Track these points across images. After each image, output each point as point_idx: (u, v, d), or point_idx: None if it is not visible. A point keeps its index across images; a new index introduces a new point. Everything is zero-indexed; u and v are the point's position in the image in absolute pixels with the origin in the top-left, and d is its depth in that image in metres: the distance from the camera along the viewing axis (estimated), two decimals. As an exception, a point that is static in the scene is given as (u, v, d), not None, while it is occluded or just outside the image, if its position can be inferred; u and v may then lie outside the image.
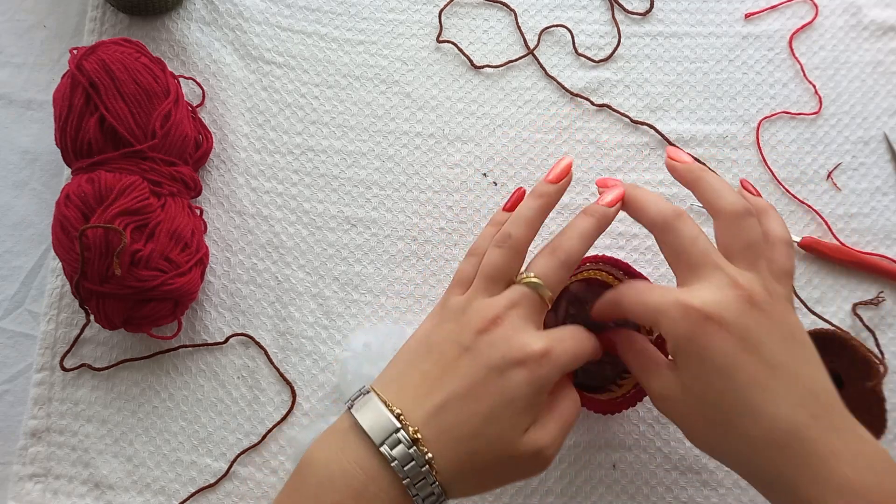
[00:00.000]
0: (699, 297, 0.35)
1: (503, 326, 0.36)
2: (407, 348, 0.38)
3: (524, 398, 0.35)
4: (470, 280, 0.39)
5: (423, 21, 0.57)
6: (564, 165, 0.40)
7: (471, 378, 0.35)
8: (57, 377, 0.50)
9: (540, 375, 0.35)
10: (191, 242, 0.47)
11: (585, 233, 0.38)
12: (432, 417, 0.34)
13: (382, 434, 0.34)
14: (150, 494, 0.48)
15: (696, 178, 0.39)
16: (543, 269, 0.37)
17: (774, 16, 0.57)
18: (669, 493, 0.48)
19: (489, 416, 0.34)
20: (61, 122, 0.47)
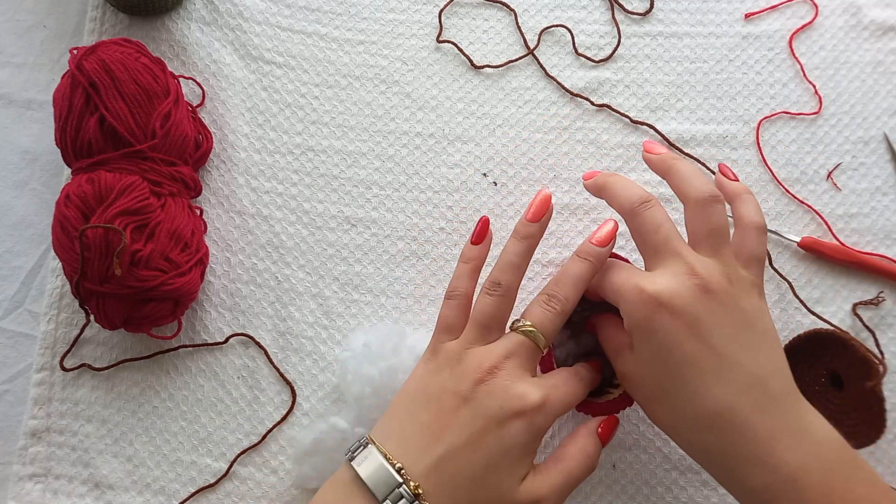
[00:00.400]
0: (655, 283, 0.36)
1: (500, 376, 0.36)
2: (404, 396, 0.38)
3: (522, 447, 0.35)
4: (456, 325, 0.39)
5: (423, 21, 0.57)
6: (542, 200, 0.41)
7: (470, 429, 0.35)
8: (57, 377, 0.50)
9: (537, 425, 0.36)
10: (191, 242, 0.47)
11: (580, 279, 0.39)
12: (433, 470, 0.34)
13: (385, 489, 0.34)
14: (150, 494, 0.48)
15: (668, 168, 0.41)
16: (539, 318, 0.38)
17: (774, 16, 0.57)
18: (669, 493, 0.48)
19: (487, 465, 0.35)
20: (61, 122, 0.47)
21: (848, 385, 0.45)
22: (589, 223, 0.53)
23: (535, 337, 0.38)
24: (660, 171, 0.42)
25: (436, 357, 0.39)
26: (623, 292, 0.37)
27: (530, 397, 0.36)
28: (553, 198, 0.53)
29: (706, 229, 0.37)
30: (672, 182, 0.40)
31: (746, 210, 0.40)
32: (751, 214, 0.39)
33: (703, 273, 0.36)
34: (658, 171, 0.42)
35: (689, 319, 0.35)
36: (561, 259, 0.52)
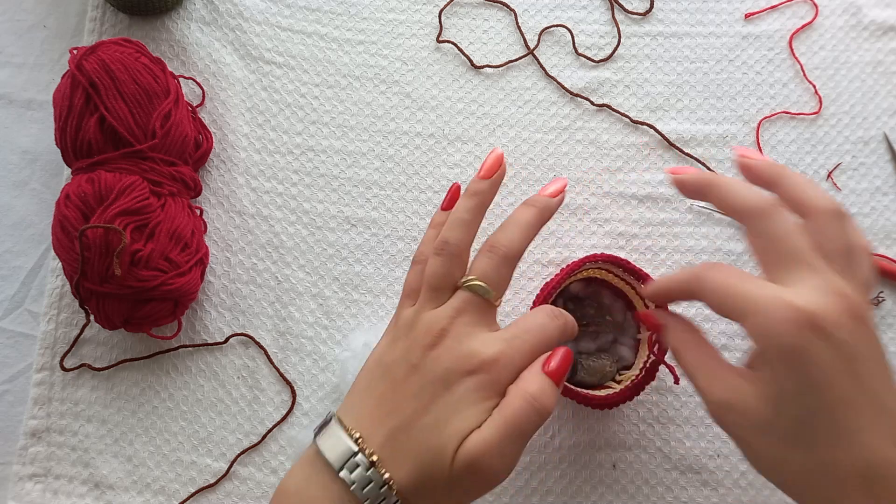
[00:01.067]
0: (804, 299, 0.30)
1: (449, 338, 0.35)
2: (365, 370, 0.38)
3: (472, 405, 0.33)
4: (417, 290, 0.38)
5: (423, 21, 0.57)
6: (494, 158, 0.39)
7: (421, 396, 0.34)
8: (57, 377, 0.50)
9: (490, 380, 0.34)
10: (191, 242, 0.47)
11: (526, 224, 0.37)
12: (388, 439, 0.34)
13: (341, 459, 0.33)
14: (150, 494, 0.48)
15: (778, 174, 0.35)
16: (483, 269, 0.36)
17: (774, 16, 0.57)
18: (669, 493, 0.48)
19: (435, 429, 0.33)
20: (61, 122, 0.47)
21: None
22: (589, 223, 0.53)
23: (481, 290, 0.36)
24: (766, 181, 0.36)
25: (394, 326, 0.38)
26: (762, 305, 0.31)
27: (480, 354, 0.34)
28: (553, 198, 0.53)
29: (839, 245, 0.32)
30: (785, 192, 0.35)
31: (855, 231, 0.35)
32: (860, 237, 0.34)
33: (852, 296, 0.31)
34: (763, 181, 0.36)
35: (846, 348, 0.30)
36: (561, 259, 0.52)
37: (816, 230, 0.33)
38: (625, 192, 0.53)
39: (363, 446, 0.34)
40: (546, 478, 0.48)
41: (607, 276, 0.48)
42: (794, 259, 0.32)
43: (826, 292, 0.31)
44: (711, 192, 0.36)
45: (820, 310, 0.30)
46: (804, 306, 0.30)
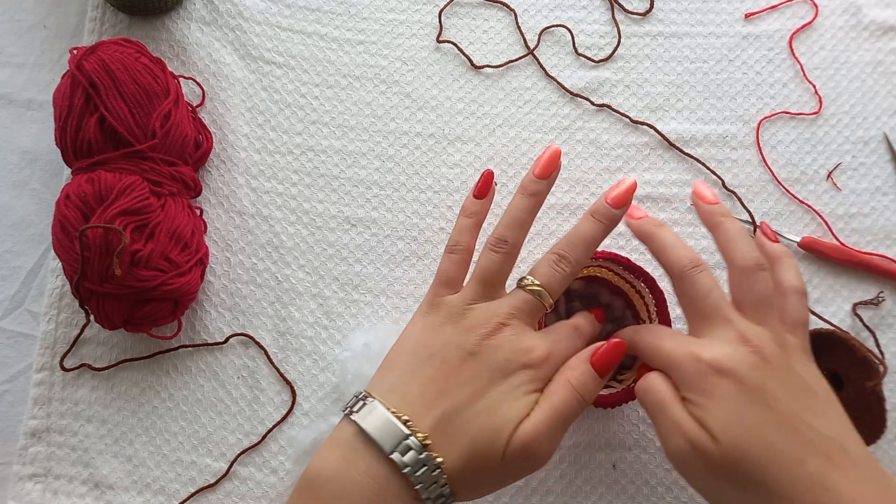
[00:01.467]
0: (710, 352, 0.35)
1: (506, 331, 0.37)
2: (403, 352, 0.38)
3: (525, 395, 0.36)
4: (456, 280, 0.39)
5: (423, 21, 0.57)
6: (551, 155, 0.40)
7: (477, 382, 0.35)
8: (57, 377, 0.50)
9: (542, 375, 0.36)
10: (191, 242, 0.47)
11: (592, 241, 0.39)
12: (439, 423, 0.34)
13: (392, 441, 0.33)
14: (150, 494, 0.48)
15: (715, 224, 0.40)
16: (548, 278, 0.38)
17: (774, 16, 0.57)
18: (669, 493, 0.48)
19: (490, 415, 0.35)
20: (61, 122, 0.47)
21: (848, 385, 0.45)
22: (589, 223, 0.52)
23: (541, 296, 0.38)
24: (706, 224, 0.40)
25: (436, 311, 0.38)
26: (676, 360, 0.36)
27: (536, 351, 0.36)
28: (553, 198, 0.53)
29: (753, 297, 0.37)
30: (718, 240, 0.39)
31: (787, 275, 0.39)
32: (792, 279, 0.39)
33: (755, 341, 0.35)
34: (705, 224, 0.41)
35: (752, 385, 0.34)
36: (561, 259, 0.52)
37: (735, 283, 0.38)
38: (625, 192, 0.53)
39: (413, 429, 0.34)
40: (546, 478, 0.48)
41: (607, 275, 0.48)
42: (709, 316, 0.37)
43: (730, 341, 0.35)
44: (650, 243, 0.40)
45: (723, 357, 0.35)
46: (709, 357, 0.35)
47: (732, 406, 0.34)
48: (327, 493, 0.33)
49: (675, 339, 0.38)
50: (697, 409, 0.35)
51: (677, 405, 0.36)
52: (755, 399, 0.34)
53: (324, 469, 0.34)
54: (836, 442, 0.34)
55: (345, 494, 0.33)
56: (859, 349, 0.44)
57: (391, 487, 0.33)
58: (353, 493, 0.33)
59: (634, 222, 0.41)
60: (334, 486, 0.33)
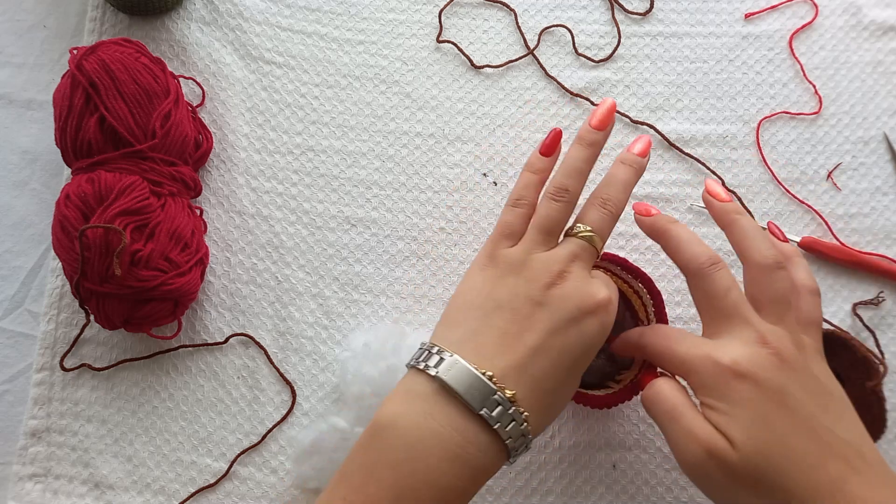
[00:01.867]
0: (729, 354, 0.34)
1: (570, 279, 0.37)
2: (467, 305, 0.37)
3: (598, 344, 0.37)
4: (518, 232, 0.39)
5: (423, 21, 0.57)
6: (608, 108, 0.40)
7: (550, 331, 0.35)
8: (57, 377, 0.50)
9: (607, 321, 0.37)
10: (191, 242, 0.47)
11: (628, 183, 0.40)
12: (520, 375, 0.34)
13: (481, 398, 0.33)
14: (150, 494, 0.48)
15: (730, 221, 0.39)
16: (597, 222, 0.39)
17: (774, 16, 0.57)
18: (669, 493, 0.48)
19: (569, 364, 0.36)
20: (61, 122, 0.47)
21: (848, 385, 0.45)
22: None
23: (593, 240, 0.38)
24: (721, 223, 0.40)
25: (495, 263, 0.38)
26: (692, 363, 0.35)
27: (600, 294, 0.37)
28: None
29: (771, 296, 0.36)
30: (732, 238, 0.39)
31: (800, 274, 0.39)
32: (804, 278, 0.39)
33: (774, 341, 0.35)
34: (719, 223, 0.40)
35: (773, 388, 0.34)
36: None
37: (753, 281, 0.37)
38: (625, 192, 0.53)
39: (499, 385, 0.34)
40: (546, 478, 0.48)
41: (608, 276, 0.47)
42: (727, 315, 0.36)
43: (748, 343, 0.35)
44: (663, 241, 0.39)
45: (742, 359, 0.34)
46: (726, 360, 0.34)
47: (754, 410, 0.33)
48: (404, 441, 0.33)
49: (688, 341, 0.37)
50: (716, 414, 0.34)
51: (691, 412, 0.35)
52: (776, 403, 0.33)
53: (401, 419, 0.34)
54: (854, 446, 0.33)
55: (425, 444, 0.33)
56: (859, 349, 0.44)
57: (478, 442, 0.33)
58: (434, 444, 0.33)
59: (647, 219, 0.41)
60: (413, 435, 0.33)
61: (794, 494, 0.32)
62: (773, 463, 0.33)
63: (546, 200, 0.39)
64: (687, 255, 0.38)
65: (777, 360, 0.34)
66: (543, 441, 0.48)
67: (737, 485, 0.33)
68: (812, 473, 0.32)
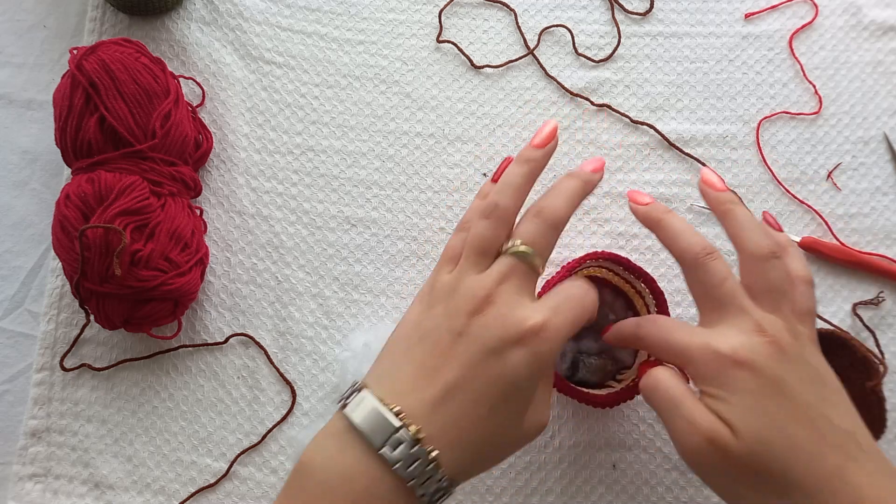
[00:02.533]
0: (727, 342, 0.34)
1: (496, 304, 0.34)
2: (397, 337, 0.36)
3: (527, 378, 0.34)
4: (457, 255, 0.37)
5: (423, 21, 0.57)
6: (550, 129, 0.39)
7: (469, 365, 0.33)
8: (57, 377, 0.50)
9: (540, 351, 0.34)
10: (191, 242, 0.47)
11: (571, 193, 0.37)
12: (433, 412, 0.32)
13: (382, 435, 0.32)
14: (150, 494, 0.48)
15: (725, 211, 0.38)
16: (530, 234, 0.36)
17: (774, 16, 0.57)
18: (669, 493, 0.48)
19: (494, 403, 0.33)
20: (61, 122, 0.47)
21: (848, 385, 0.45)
22: (589, 223, 0.53)
23: (526, 256, 0.35)
24: (716, 213, 0.39)
25: (431, 292, 0.36)
26: (690, 352, 0.35)
27: (528, 322, 0.33)
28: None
29: (767, 285, 0.36)
30: (728, 227, 0.38)
31: (795, 264, 0.38)
32: (799, 269, 0.38)
33: (771, 331, 0.35)
34: (714, 212, 0.40)
35: (770, 376, 0.33)
36: (561, 259, 0.52)
37: (748, 270, 0.37)
38: (625, 192, 0.53)
39: (406, 421, 0.32)
40: (546, 478, 0.48)
41: (607, 275, 0.48)
42: (724, 304, 0.36)
43: (747, 331, 0.35)
44: (658, 230, 0.39)
45: (740, 348, 0.34)
46: (726, 348, 0.34)
47: (754, 398, 0.33)
48: (314, 484, 0.32)
49: (684, 330, 0.36)
50: (716, 402, 0.34)
51: (691, 400, 0.35)
52: (775, 391, 0.33)
53: (315, 459, 0.33)
54: (850, 434, 0.33)
55: (333, 485, 0.32)
56: (859, 349, 0.44)
57: (383, 482, 0.31)
58: (341, 486, 0.32)
59: (641, 209, 0.39)
60: (323, 476, 0.32)
61: (794, 483, 0.32)
62: (774, 451, 0.33)
63: (476, 219, 0.37)
64: (682, 245, 0.37)
65: (774, 349, 0.34)
66: (543, 441, 0.48)
67: (737, 473, 0.33)
68: (812, 462, 0.32)
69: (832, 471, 0.32)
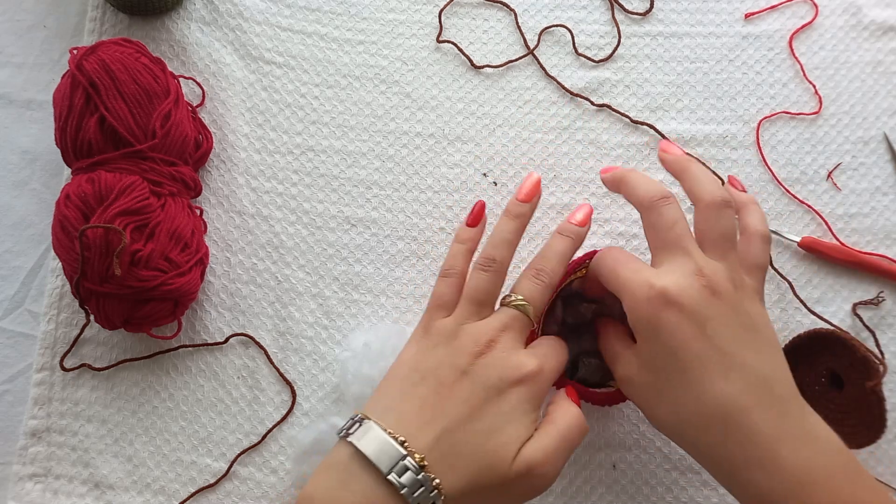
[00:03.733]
0: (662, 279, 0.36)
1: (497, 349, 0.37)
2: (396, 376, 0.38)
3: (522, 413, 0.36)
4: (450, 302, 0.40)
5: (423, 21, 0.57)
6: (533, 183, 0.42)
7: (471, 401, 0.35)
8: (57, 377, 0.50)
9: (535, 392, 0.37)
10: (191, 242, 0.47)
11: (564, 254, 0.41)
12: (435, 443, 0.34)
13: (389, 462, 0.33)
14: (150, 494, 0.48)
15: (682, 168, 0.41)
16: (530, 292, 0.39)
17: (774, 16, 0.57)
18: (669, 493, 0.48)
19: (489, 434, 0.35)
20: (61, 122, 0.47)
21: (848, 385, 0.45)
22: (589, 223, 0.52)
23: (526, 310, 0.39)
24: (674, 172, 0.42)
25: (429, 334, 0.39)
26: (630, 286, 0.37)
27: (528, 366, 0.37)
28: (553, 198, 0.53)
29: (716, 233, 0.38)
30: (685, 183, 0.41)
31: (752, 219, 0.41)
32: (756, 224, 0.40)
33: (710, 274, 0.36)
34: (672, 172, 0.42)
35: (697, 318, 0.35)
36: (561, 259, 0.52)
37: (700, 219, 0.39)
38: (625, 192, 0.53)
39: (410, 450, 0.34)
40: (546, 478, 0.48)
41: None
42: (671, 246, 0.38)
43: (686, 273, 0.36)
44: (622, 187, 0.41)
45: (674, 286, 0.36)
46: (660, 285, 0.36)
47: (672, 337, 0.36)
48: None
49: (632, 265, 0.39)
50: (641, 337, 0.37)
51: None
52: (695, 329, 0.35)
53: (316, 492, 0.34)
54: (765, 380, 0.35)
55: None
56: (859, 349, 0.44)
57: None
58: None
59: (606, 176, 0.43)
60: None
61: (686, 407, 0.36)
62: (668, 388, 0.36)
63: (475, 272, 0.40)
64: (640, 192, 0.40)
65: (707, 292, 0.36)
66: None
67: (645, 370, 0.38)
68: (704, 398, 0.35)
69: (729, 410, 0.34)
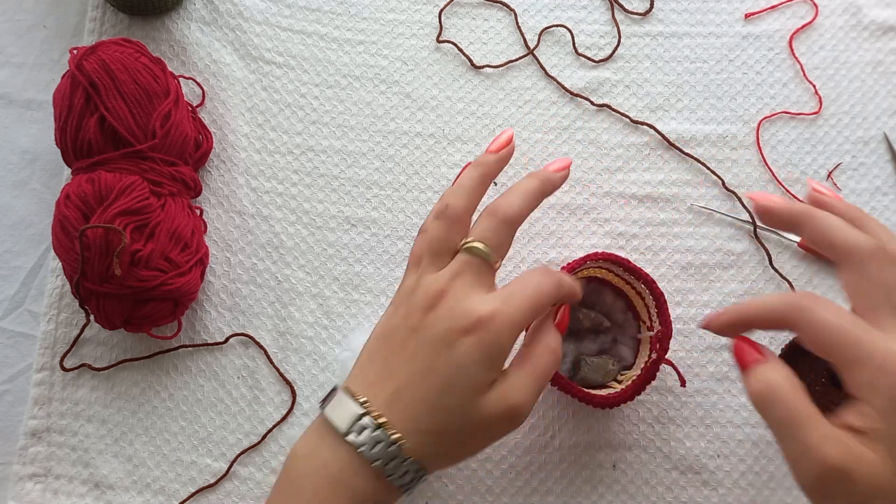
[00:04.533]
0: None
1: (447, 298, 0.35)
2: (369, 341, 0.38)
3: (477, 364, 0.34)
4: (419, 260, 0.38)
5: (423, 21, 0.57)
6: (506, 137, 0.41)
7: (420, 356, 0.35)
8: (57, 377, 0.50)
9: (489, 339, 0.34)
10: (191, 242, 0.47)
11: (527, 192, 0.38)
12: (393, 401, 0.34)
13: (347, 423, 0.34)
14: (150, 494, 0.48)
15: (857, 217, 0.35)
16: (483, 231, 0.37)
17: (774, 16, 0.57)
18: (669, 493, 0.48)
19: (443, 389, 0.34)
20: (61, 122, 0.47)
21: None
22: (589, 223, 0.52)
23: (479, 251, 0.36)
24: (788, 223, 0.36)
25: (398, 294, 0.38)
26: (876, 358, 0.30)
27: (476, 312, 0.34)
28: (553, 198, 0.53)
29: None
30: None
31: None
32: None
33: None
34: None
35: None
36: (561, 259, 0.52)
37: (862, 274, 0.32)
38: (625, 192, 0.53)
39: (369, 409, 0.34)
40: (546, 478, 0.48)
41: (607, 276, 0.48)
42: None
43: None
44: (805, 226, 0.35)
45: None
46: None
47: None
48: (299, 471, 0.35)
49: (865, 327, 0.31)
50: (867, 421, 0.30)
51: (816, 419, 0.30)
52: None
53: (299, 450, 0.36)
54: None
55: (312, 471, 0.34)
56: None
57: (352, 466, 0.34)
58: (319, 471, 0.34)
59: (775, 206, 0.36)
60: (306, 464, 0.35)
61: None
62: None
63: (430, 222, 0.38)
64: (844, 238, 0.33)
65: None
66: (544, 441, 0.48)
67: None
68: None
69: None
